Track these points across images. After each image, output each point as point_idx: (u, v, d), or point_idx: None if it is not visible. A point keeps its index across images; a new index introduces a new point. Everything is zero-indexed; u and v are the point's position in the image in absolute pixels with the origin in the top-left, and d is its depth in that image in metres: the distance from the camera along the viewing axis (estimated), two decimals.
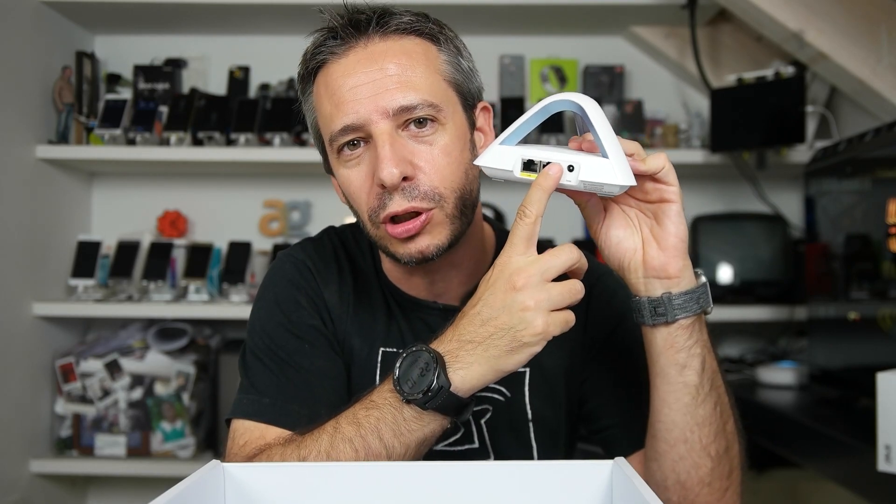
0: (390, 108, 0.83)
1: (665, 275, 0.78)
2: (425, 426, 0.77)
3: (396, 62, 0.84)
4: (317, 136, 0.93)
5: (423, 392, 0.75)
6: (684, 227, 0.78)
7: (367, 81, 0.83)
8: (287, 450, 0.81)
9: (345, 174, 0.88)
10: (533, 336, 0.73)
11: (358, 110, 0.83)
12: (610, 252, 0.81)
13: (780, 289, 2.03)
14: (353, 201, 0.89)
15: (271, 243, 2.19)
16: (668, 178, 0.76)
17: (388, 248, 0.88)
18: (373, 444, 0.77)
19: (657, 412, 0.84)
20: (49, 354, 2.08)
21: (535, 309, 0.73)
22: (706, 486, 0.84)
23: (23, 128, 2.00)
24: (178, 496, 0.59)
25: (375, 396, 0.79)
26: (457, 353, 0.75)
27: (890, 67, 1.71)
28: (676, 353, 0.80)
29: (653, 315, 0.79)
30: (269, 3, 2.04)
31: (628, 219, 0.81)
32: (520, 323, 0.73)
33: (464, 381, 0.75)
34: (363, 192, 0.86)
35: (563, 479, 0.68)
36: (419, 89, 0.84)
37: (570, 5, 2.05)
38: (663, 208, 0.77)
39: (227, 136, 2.07)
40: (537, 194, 0.74)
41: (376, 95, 0.83)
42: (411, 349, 0.77)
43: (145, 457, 2.04)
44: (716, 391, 0.83)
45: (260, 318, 0.95)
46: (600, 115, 0.74)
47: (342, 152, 0.87)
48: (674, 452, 0.83)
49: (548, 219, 0.77)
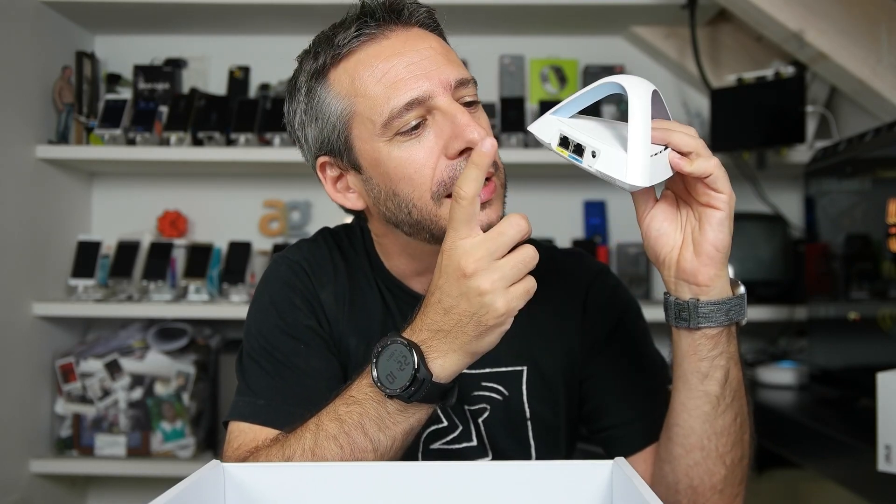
0: (452, 79, 0.84)
1: (694, 281, 0.76)
2: (410, 417, 0.77)
3: (439, 42, 0.88)
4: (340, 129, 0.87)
5: (404, 387, 0.74)
6: (725, 236, 0.75)
7: (422, 59, 0.84)
8: (272, 450, 0.81)
9: (400, 156, 0.83)
10: (497, 318, 0.72)
11: (422, 85, 0.82)
12: (649, 243, 0.79)
13: (780, 289, 2.03)
14: (411, 181, 0.84)
15: (271, 243, 2.19)
16: (717, 185, 0.73)
17: None
18: (357, 439, 0.77)
19: (676, 415, 0.83)
20: (49, 354, 2.08)
21: (492, 291, 0.71)
22: (717, 493, 0.84)
23: (23, 128, 2.00)
24: (178, 496, 0.59)
25: (355, 392, 0.78)
26: (430, 342, 0.75)
27: (890, 67, 1.71)
28: (699, 362, 0.79)
29: (676, 318, 0.78)
30: (269, 3, 2.04)
31: (677, 214, 0.79)
32: (480, 308, 0.72)
33: (443, 370, 0.75)
34: (429, 167, 0.83)
35: (563, 479, 0.68)
36: (464, 69, 0.87)
37: (570, 5, 2.05)
38: (707, 213, 0.75)
39: (227, 136, 2.07)
40: (472, 173, 0.72)
41: (437, 69, 0.84)
42: (385, 342, 0.76)
43: (145, 457, 2.04)
44: (738, 403, 0.82)
45: (256, 321, 0.95)
46: (642, 104, 0.71)
47: (398, 134, 0.83)
48: (689, 458, 0.83)
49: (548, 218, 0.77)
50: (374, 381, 0.76)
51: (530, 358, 0.97)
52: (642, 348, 1.00)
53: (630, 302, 1.02)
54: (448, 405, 0.80)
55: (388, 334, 0.78)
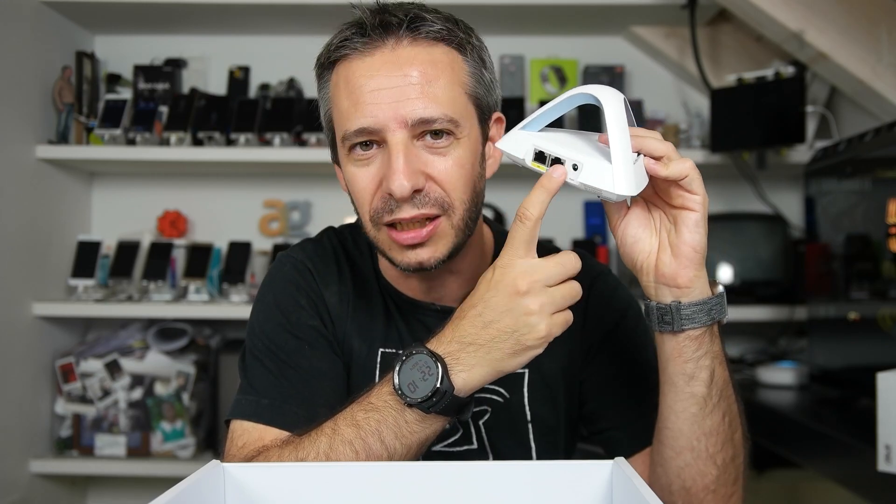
0: (410, 118, 0.81)
1: (675, 284, 0.77)
2: (427, 427, 0.77)
3: (421, 70, 0.82)
4: (328, 125, 0.92)
5: (426, 397, 0.74)
6: (701, 237, 0.75)
7: (389, 87, 0.82)
8: (285, 451, 0.81)
9: (352, 172, 0.86)
10: (537, 340, 0.73)
11: (377, 115, 0.82)
12: (625, 250, 0.80)
13: (780, 289, 2.03)
14: (357, 200, 0.88)
15: (271, 243, 2.19)
16: (691, 187, 0.74)
17: (387, 252, 0.88)
18: (374, 446, 0.77)
19: (664, 419, 0.83)
20: (49, 354, 2.08)
21: (539, 313, 0.73)
22: (711, 493, 0.84)
23: (23, 128, 2.00)
24: (178, 496, 0.59)
25: (374, 399, 0.78)
26: (458, 354, 0.75)
27: (890, 67, 1.71)
28: (684, 364, 0.79)
29: (660, 322, 0.78)
30: (269, 3, 2.04)
31: (650, 219, 0.79)
32: (524, 327, 0.73)
33: (465, 383, 0.75)
34: (368, 192, 0.85)
35: (563, 479, 0.68)
36: (441, 102, 0.83)
37: (570, 5, 2.05)
38: (682, 215, 0.75)
39: (227, 136, 2.07)
40: (540, 196, 0.73)
41: (397, 103, 0.81)
42: (410, 351, 0.76)
43: (145, 457, 2.04)
44: (725, 402, 0.82)
45: (259, 320, 0.95)
46: (618, 113, 0.71)
47: (353, 151, 0.85)
48: (679, 459, 0.83)
49: (548, 218, 0.77)
50: (395, 388, 0.76)
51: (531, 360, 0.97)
52: (642, 349, 1.00)
53: (630, 303, 1.02)
54: (462, 420, 0.80)
55: (414, 343, 0.78)
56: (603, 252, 2.16)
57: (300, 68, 2.16)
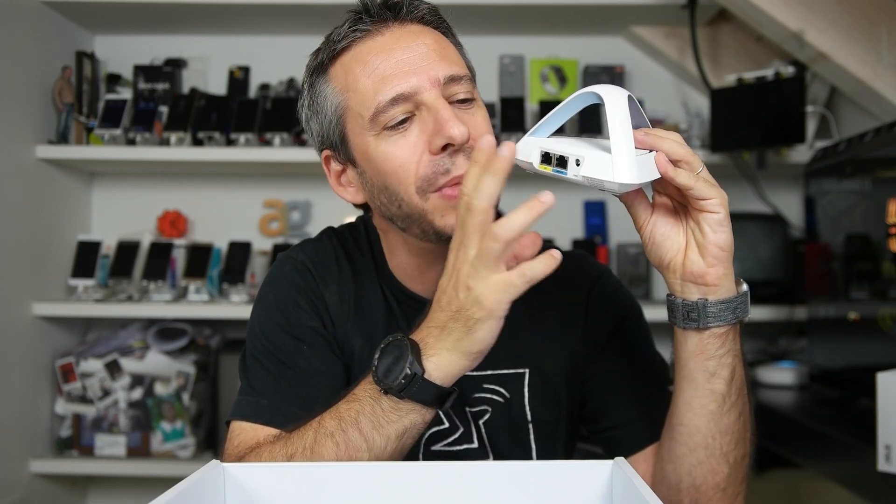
0: (441, 76, 0.84)
1: (703, 282, 0.76)
2: (403, 416, 0.76)
3: (434, 39, 0.88)
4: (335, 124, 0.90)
5: (398, 382, 0.73)
6: (727, 236, 0.75)
7: (411, 55, 0.85)
8: (275, 447, 0.81)
9: (385, 150, 0.85)
10: (480, 310, 0.70)
11: (409, 80, 0.83)
12: (653, 248, 0.79)
13: (780, 289, 2.03)
14: (396, 176, 0.85)
15: (271, 243, 2.18)
16: (701, 195, 0.74)
17: (434, 221, 0.85)
18: (353, 437, 0.76)
19: (680, 415, 0.83)
20: (49, 354, 2.08)
21: (474, 284, 0.70)
22: (720, 492, 0.84)
23: (23, 128, 2.00)
24: (178, 496, 0.59)
25: (357, 390, 0.79)
26: (427, 339, 0.75)
27: (890, 67, 1.71)
28: (707, 361, 0.79)
29: (685, 319, 0.78)
30: (269, 3, 2.04)
31: (676, 218, 0.79)
32: (466, 301, 0.71)
33: (437, 368, 0.74)
34: (412, 162, 0.84)
35: (563, 479, 0.68)
36: (459, 65, 0.88)
37: (570, 5, 2.05)
38: (705, 217, 0.75)
39: (227, 136, 2.07)
40: (473, 170, 0.71)
41: (426, 66, 0.84)
42: (389, 339, 0.76)
43: (145, 457, 2.04)
44: (742, 400, 0.82)
45: (259, 320, 0.95)
46: (620, 107, 0.72)
47: (384, 129, 0.84)
48: (693, 457, 0.83)
49: (547, 218, 0.76)
50: (374, 376, 0.76)
51: (532, 360, 0.97)
52: (643, 349, 1.00)
53: (631, 303, 1.02)
54: (443, 409, 0.79)
55: (396, 332, 0.78)
56: (603, 252, 2.16)
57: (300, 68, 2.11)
